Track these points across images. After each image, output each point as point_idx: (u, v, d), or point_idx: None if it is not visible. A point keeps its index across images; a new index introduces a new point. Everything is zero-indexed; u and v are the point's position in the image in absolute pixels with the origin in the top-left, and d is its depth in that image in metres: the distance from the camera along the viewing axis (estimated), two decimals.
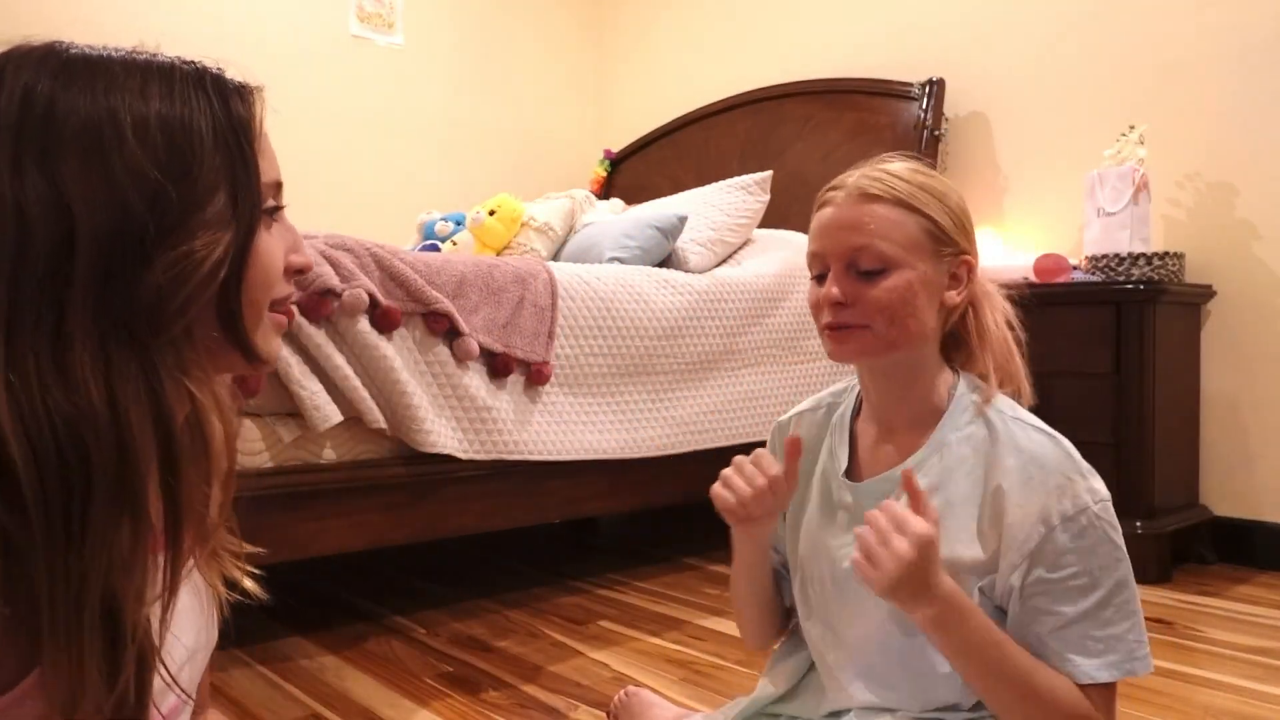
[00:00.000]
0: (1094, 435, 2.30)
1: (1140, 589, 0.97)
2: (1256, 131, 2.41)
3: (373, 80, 3.59)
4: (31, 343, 0.56)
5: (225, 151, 0.64)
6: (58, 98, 0.59)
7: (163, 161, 0.60)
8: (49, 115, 0.59)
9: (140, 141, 0.60)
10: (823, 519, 1.07)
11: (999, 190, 2.93)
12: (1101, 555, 0.92)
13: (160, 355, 0.60)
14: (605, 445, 2.15)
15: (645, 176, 3.82)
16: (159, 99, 0.62)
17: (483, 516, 2.02)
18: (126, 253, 0.58)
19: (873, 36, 3.24)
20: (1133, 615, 0.93)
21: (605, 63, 4.28)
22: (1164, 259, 2.33)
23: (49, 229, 0.57)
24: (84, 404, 0.57)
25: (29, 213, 0.57)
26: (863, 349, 0.98)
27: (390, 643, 1.84)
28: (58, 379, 0.56)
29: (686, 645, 1.81)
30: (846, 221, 0.97)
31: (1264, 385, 2.41)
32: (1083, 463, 0.95)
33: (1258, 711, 1.49)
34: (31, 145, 0.58)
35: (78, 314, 0.57)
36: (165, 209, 0.60)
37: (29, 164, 0.57)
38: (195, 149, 0.62)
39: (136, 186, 0.59)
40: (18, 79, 0.59)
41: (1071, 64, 2.75)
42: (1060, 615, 0.91)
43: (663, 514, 3.08)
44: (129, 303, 0.59)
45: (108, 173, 0.59)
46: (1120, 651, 0.92)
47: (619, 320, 2.22)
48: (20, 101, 0.59)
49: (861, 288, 0.96)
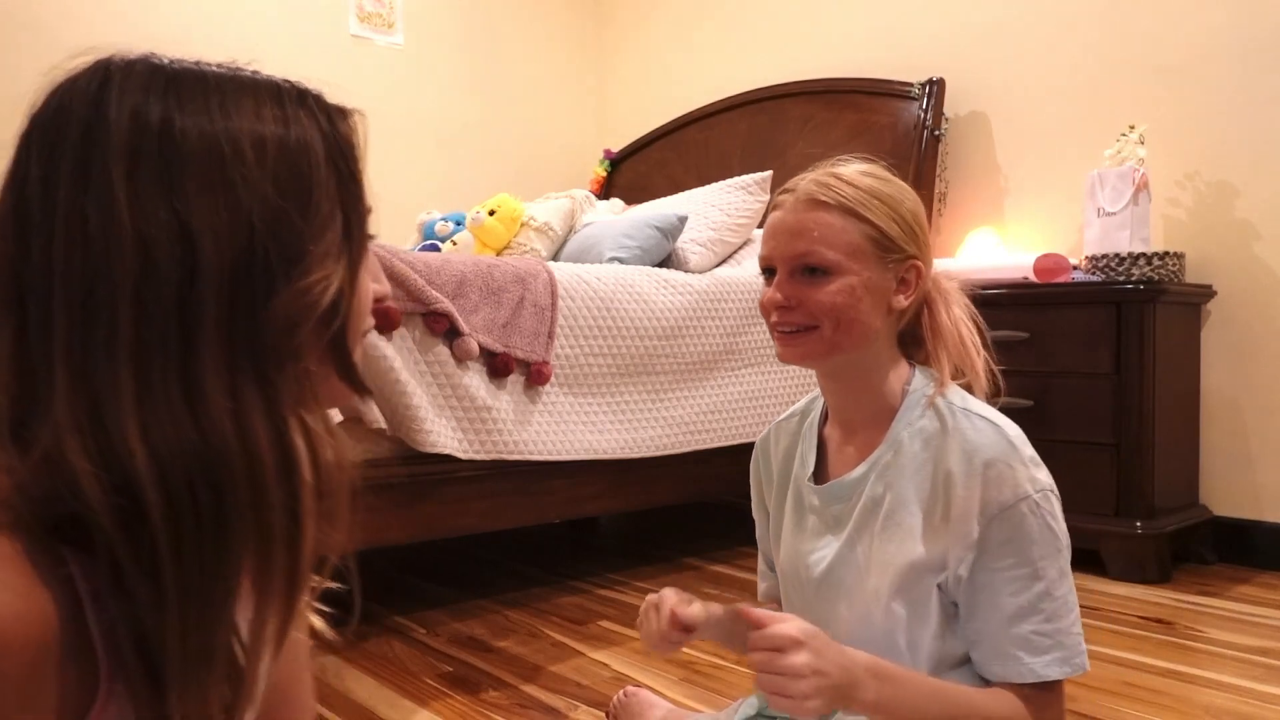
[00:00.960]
0: (1094, 435, 2.30)
1: (1140, 589, 0.97)
2: (1256, 131, 2.41)
3: (373, 80, 3.59)
4: (161, 378, 0.53)
5: (337, 176, 0.61)
6: (173, 119, 0.55)
7: (284, 186, 0.58)
8: (165, 138, 0.55)
9: (260, 165, 0.57)
10: (795, 525, 1.09)
11: (999, 190, 2.93)
12: (1042, 545, 0.92)
13: (282, 390, 0.58)
14: (605, 445, 2.15)
15: (645, 176, 3.82)
16: (273, 121, 0.59)
17: (483, 516, 2.02)
18: (253, 284, 0.56)
19: (873, 36, 3.24)
20: (1073, 609, 0.93)
21: (605, 63, 4.28)
22: (1164, 259, 2.33)
23: (174, 259, 0.54)
24: (217, 439, 0.54)
25: (152, 242, 0.53)
26: (809, 352, 1.00)
27: (390, 643, 1.84)
28: (188, 415, 0.54)
29: (686, 645, 1.80)
30: (793, 227, 0.99)
31: (1264, 385, 2.41)
32: (1026, 450, 0.95)
33: (1258, 711, 1.49)
34: (148, 171, 0.54)
35: (206, 347, 0.54)
36: (288, 237, 0.57)
37: (148, 191, 0.54)
38: (312, 173, 0.59)
39: (260, 213, 0.56)
40: (124, 99, 0.55)
41: (1071, 64, 2.75)
42: (1005, 608, 0.92)
43: (663, 514, 3.08)
44: (254, 337, 0.56)
45: (231, 198, 0.55)
46: (1067, 647, 0.92)
47: (619, 320, 2.22)
48: (131, 123, 0.55)
49: (806, 291, 0.98)
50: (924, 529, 0.96)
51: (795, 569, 1.08)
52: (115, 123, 0.54)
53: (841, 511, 1.03)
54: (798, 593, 1.08)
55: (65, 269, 0.53)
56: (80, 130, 0.55)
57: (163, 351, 0.54)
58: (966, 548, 0.93)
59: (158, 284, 0.53)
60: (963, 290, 1.06)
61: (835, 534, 1.03)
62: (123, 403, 0.52)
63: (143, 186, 0.54)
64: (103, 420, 0.52)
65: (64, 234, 0.53)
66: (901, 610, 0.97)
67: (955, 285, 1.06)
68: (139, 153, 0.54)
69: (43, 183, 0.54)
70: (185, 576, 0.53)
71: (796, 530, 1.08)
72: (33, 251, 0.54)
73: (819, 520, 1.05)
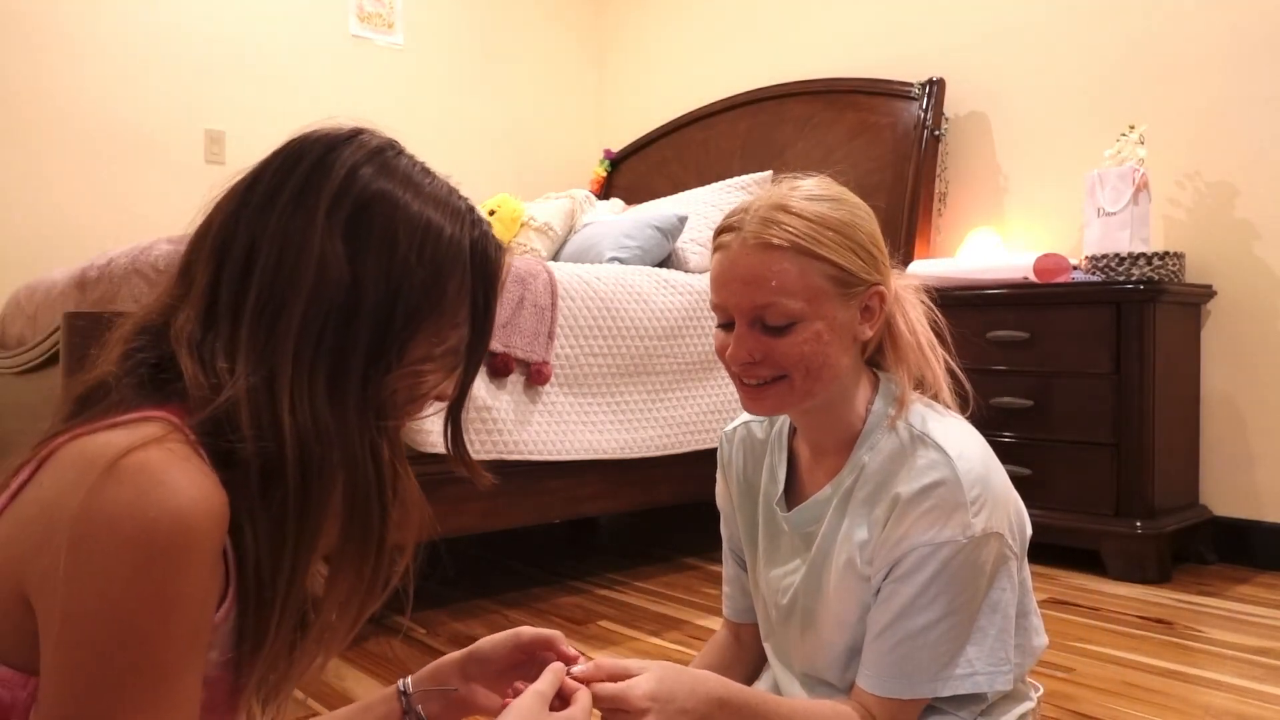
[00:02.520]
0: (1094, 435, 2.30)
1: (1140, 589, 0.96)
2: (1256, 131, 2.41)
3: (373, 80, 3.59)
4: (309, 375, 0.66)
5: (471, 288, 0.74)
6: (374, 186, 0.70)
7: (431, 267, 0.71)
8: (363, 196, 0.69)
9: (422, 244, 0.71)
10: (769, 545, 1.07)
11: (999, 190, 2.93)
12: (948, 586, 0.89)
13: (384, 434, 0.73)
14: (605, 445, 2.15)
15: (645, 176, 3.82)
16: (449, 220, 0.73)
17: (483, 516, 2.02)
18: (390, 334, 0.69)
19: (873, 36, 3.24)
20: (948, 644, 0.90)
21: (605, 63, 4.28)
22: (1164, 259, 2.33)
23: (342, 287, 0.67)
24: (347, 436, 0.67)
25: (328, 267, 0.67)
26: (780, 404, 0.96)
27: (390, 643, 1.84)
28: (329, 410, 0.66)
29: (686, 645, 1.81)
30: (746, 275, 0.91)
31: (1264, 385, 2.41)
32: (973, 491, 0.90)
33: (1258, 711, 1.49)
34: (343, 215, 0.69)
35: (353, 365, 0.68)
36: (424, 306, 0.71)
37: (337, 230, 0.68)
38: (454, 267, 0.73)
39: (407, 278, 0.70)
40: (350, 158, 0.71)
41: (1071, 64, 2.75)
42: (884, 625, 0.91)
43: (663, 514, 3.08)
44: (378, 385, 0.70)
45: (393, 257, 0.69)
46: (913, 677, 0.90)
47: (619, 320, 2.22)
48: (345, 177, 0.70)
49: (770, 343, 0.92)
50: (868, 550, 0.94)
51: (766, 595, 1.07)
52: (335, 172, 0.70)
53: (810, 533, 1.01)
54: (771, 609, 1.07)
55: (265, 260, 0.67)
56: (309, 167, 0.70)
57: (314, 355, 0.67)
58: (884, 564, 0.92)
59: (325, 300, 0.67)
60: (921, 290, 1.01)
61: (804, 556, 1.02)
62: (282, 382, 0.65)
63: (335, 225, 0.68)
64: (270, 391, 0.65)
65: (273, 234, 0.68)
66: (863, 633, 0.96)
67: (912, 287, 1.01)
68: (342, 200, 0.69)
69: (269, 193, 0.69)
70: (302, 525, 0.65)
71: (770, 551, 1.07)
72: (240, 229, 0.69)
73: (789, 543, 1.04)
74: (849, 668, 0.98)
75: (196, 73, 3.18)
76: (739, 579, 1.17)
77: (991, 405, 2.43)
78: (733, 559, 1.17)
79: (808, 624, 1.01)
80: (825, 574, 0.99)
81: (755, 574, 1.10)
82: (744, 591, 1.16)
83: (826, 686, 1.02)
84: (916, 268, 2.69)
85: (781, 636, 1.06)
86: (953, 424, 0.96)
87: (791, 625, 1.03)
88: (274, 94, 3.34)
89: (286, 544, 0.65)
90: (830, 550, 0.98)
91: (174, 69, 3.14)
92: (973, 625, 0.91)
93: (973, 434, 0.96)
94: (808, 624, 1.01)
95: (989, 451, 0.95)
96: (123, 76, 3.03)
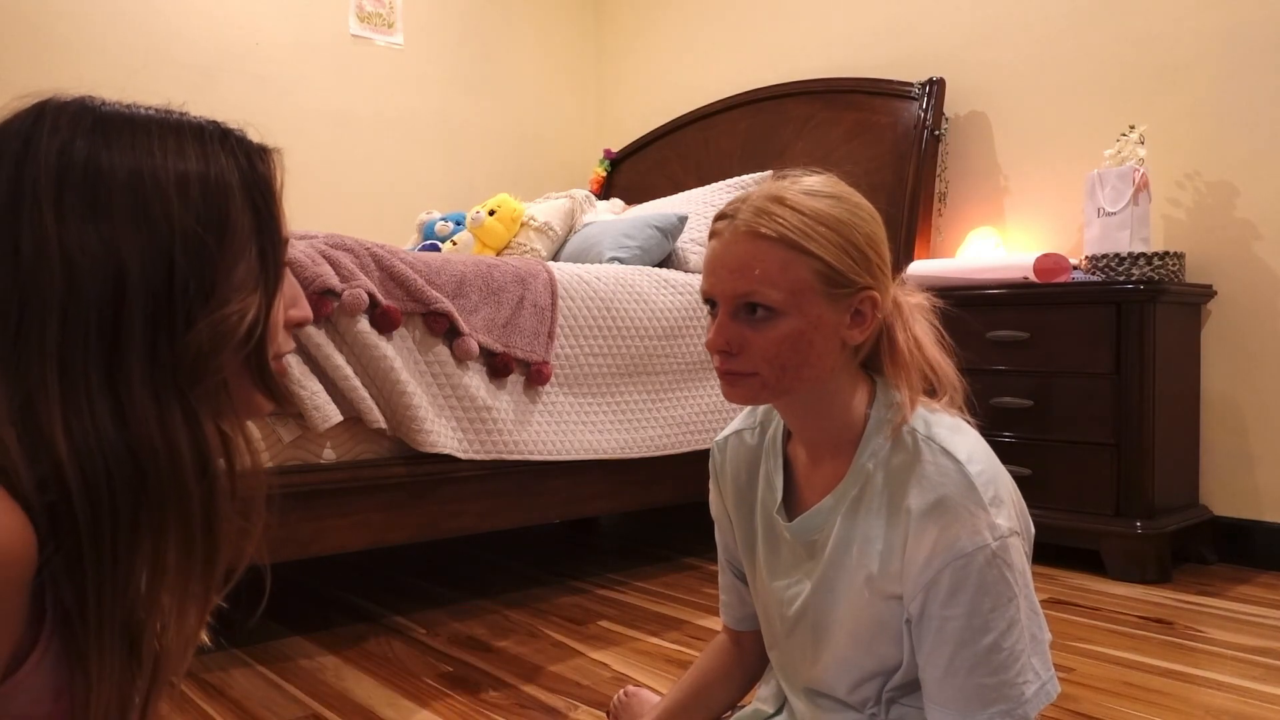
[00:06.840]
0: (1094, 435, 2.30)
1: (1140, 589, 0.96)
2: (1256, 131, 2.41)
3: (373, 80, 3.59)
4: (84, 383, 0.60)
5: (253, 210, 0.67)
6: (99, 154, 0.62)
7: (202, 216, 0.64)
8: (92, 170, 0.61)
9: (182, 197, 0.63)
10: (769, 555, 1.05)
11: (999, 190, 2.93)
12: (994, 596, 0.87)
13: (201, 401, 0.65)
14: (605, 445, 2.15)
15: (645, 176, 3.82)
16: (195, 158, 0.65)
17: (483, 516, 2.02)
18: (173, 309, 0.62)
19: (873, 36, 3.24)
20: (1019, 658, 0.88)
21: (605, 63, 4.28)
22: (1164, 259, 2.33)
23: (99, 279, 0.60)
24: (138, 438, 0.61)
25: (77, 262, 0.60)
26: (752, 395, 0.93)
27: (390, 643, 1.84)
28: (110, 416, 0.60)
29: (686, 645, 1.80)
30: (733, 262, 0.90)
31: (1264, 385, 2.41)
32: (988, 491, 0.88)
33: (1258, 711, 1.49)
34: (75, 202, 0.60)
35: (132, 360, 0.61)
36: (207, 268, 0.64)
37: (74, 216, 0.60)
38: (230, 205, 0.65)
39: (181, 245, 0.63)
40: (54, 136, 0.62)
41: (1071, 64, 2.75)
42: (947, 658, 0.88)
43: (663, 514, 3.08)
44: (175, 355, 0.63)
45: (153, 226, 0.62)
46: (1010, 699, 0.88)
47: (619, 320, 2.22)
48: (58, 156, 0.61)
49: (749, 335, 0.90)
50: (890, 567, 0.92)
51: (769, 605, 1.05)
52: (44, 158, 0.61)
53: (814, 543, 0.99)
54: (775, 621, 1.05)
55: (5, 283, 0.60)
56: (12, 164, 0.61)
57: (85, 360, 0.60)
58: (918, 587, 0.89)
59: (83, 302, 0.60)
60: (927, 303, 0.99)
61: (809, 567, 1.00)
62: (49, 401, 0.59)
63: (70, 216, 0.60)
64: (34, 414, 0.59)
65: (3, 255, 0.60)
66: (879, 650, 0.94)
67: (918, 300, 0.98)
68: (66, 186, 0.61)
69: None
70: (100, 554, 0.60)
71: (771, 561, 1.04)
72: None
73: (791, 552, 1.01)
74: (858, 685, 0.97)
75: (196, 73, 3.18)
76: (736, 587, 1.16)
77: (991, 405, 2.43)
78: (729, 568, 1.16)
79: (819, 637, 0.99)
80: (839, 587, 0.96)
81: (756, 584, 1.08)
82: (742, 600, 1.15)
83: (831, 700, 1.01)
84: (916, 267, 2.68)
85: (787, 648, 1.04)
86: (956, 427, 0.95)
87: (798, 637, 1.01)
88: (274, 94, 3.34)
89: (87, 576, 0.60)
90: (843, 563, 0.96)
91: (174, 69, 3.14)
92: (1029, 633, 0.89)
93: (975, 436, 0.95)
94: (819, 637, 0.99)
95: (992, 452, 0.95)
96: (122, 77, 3.03)
